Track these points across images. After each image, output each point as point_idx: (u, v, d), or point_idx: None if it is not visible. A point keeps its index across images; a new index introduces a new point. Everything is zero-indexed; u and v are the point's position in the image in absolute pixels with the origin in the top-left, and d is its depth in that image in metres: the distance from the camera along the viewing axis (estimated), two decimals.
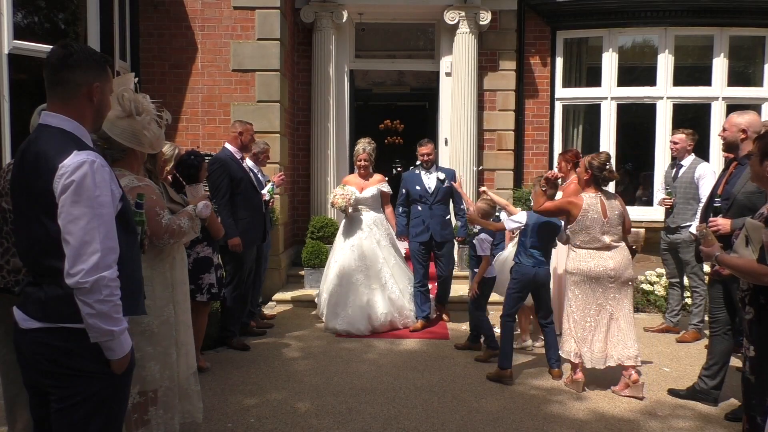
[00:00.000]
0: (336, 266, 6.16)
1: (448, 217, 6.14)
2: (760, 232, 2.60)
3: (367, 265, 6.05)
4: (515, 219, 4.82)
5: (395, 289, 6.08)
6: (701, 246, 2.98)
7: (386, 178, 6.50)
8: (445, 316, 6.46)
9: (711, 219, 3.83)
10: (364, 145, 6.29)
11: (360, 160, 6.28)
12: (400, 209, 6.22)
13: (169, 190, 3.35)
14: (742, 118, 4.02)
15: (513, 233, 5.45)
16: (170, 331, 3.10)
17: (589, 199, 4.35)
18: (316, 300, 6.52)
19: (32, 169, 2.00)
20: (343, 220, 6.36)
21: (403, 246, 6.56)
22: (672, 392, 4.40)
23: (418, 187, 6.02)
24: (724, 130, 4.07)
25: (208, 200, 3.48)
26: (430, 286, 6.29)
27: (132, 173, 2.97)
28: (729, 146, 4.10)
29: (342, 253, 6.16)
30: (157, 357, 3.03)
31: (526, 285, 4.73)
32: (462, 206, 6.01)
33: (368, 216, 6.22)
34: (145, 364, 2.98)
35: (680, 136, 5.84)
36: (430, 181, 6.03)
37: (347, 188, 6.13)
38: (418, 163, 6.25)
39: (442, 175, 6.03)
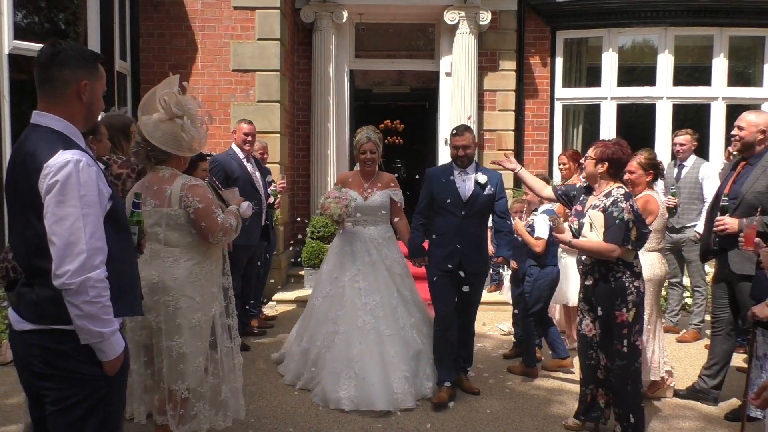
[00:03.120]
0: (326, 304, 4.46)
1: (484, 238, 4.46)
2: (601, 220, 3.37)
3: (377, 301, 4.34)
4: (545, 224, 4.62)
5: (414, 334, 4.39)
6: (554, 233, 3.67)
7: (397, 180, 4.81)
8: (465, 382, 4.46)
9: (718, 218, 3.83)
10: (369, 133, 4.59)
11: (364, 152, 4.54)
12: (419, 220, 4.42)
13: (218, 190, 3.44)
14: (760, 118, 3.98)
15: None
16: (216, 327, 3.14)
17: (658, 197, 4.27)
18: (280, 353, 4.93)
19: (21, 169, 1.98)
20: (336, 237, 4.74)
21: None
22: (673, 392, 4.39)
23: (448, 192, 4.25)
24: (740, 129, 3.98)
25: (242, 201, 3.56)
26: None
27: (180, 171, 3.08)
28: (746, 146, 3.99)
29: (336, 284, 4.47)
30: (204, 353, 3.06)
31: (553, 287, 4.81)
32: (509, 222, 4.46)
33: (375, 232, 4.53)
34: (194, 359, 3.01)
35: (686, 137, 5.82)
36: (466, 184, 4.24)
37: (345, 191, 4.50)
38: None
39: (483, 178, 4.23)
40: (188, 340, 2.99)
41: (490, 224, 4.53)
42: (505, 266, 4.90)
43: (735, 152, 4.40)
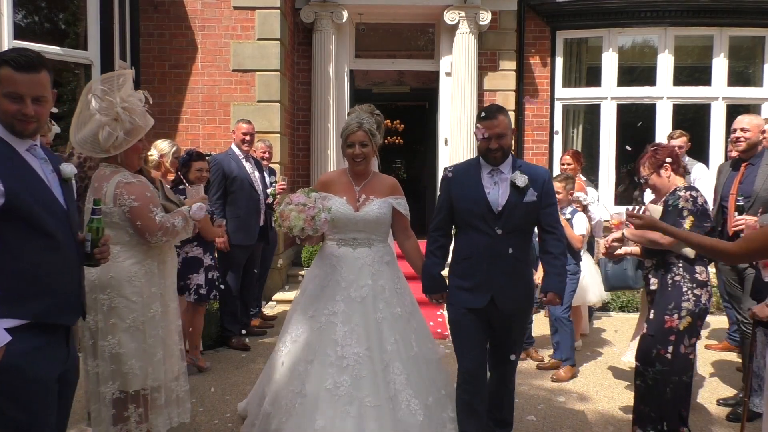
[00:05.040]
0: (294, 352, 3.26)
1: (528, 262, 3.22)
2: (660, 212, 3.28)
3: (360, 356, 3.12)
4: (583, 221, 4.87)
5: (414, 406, 3.10)
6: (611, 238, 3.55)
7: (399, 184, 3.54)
8: None
9: (737, 218, 3.86)
10: (361, 117, 3.35)
11: (352, 144, 3.31)
12: (438, 241, 3.29)
13: (166, 188, 3.29)
14: (759, 120, 4.18)
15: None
16: (156, 329, 3.01)
17: None
18: (245, 404, 3.76)
19: None
20: (316, 259, 3.50)
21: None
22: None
23: (473, 199, 3.11)
24: (745, 131, 4.09)
25: (205, 202, 3.42)
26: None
27: (125, 169, 2.94)
28: (751, 146, 4.12)
29: (311, 325, 3.27)
30: (140, 355, 2.94)
31: None
32: (561, 241, 3.23)
33: (368, 255, 3.32)
34: (126, 360, 2.91)
35: (683, 139, 5.83)
36: (499, 188, 3.11)
37: (316, 196, 3.22)
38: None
39: (522, 180, 3.07)
40: (123, 341, 2.89)
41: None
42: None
43: (738, 154, 4.43)
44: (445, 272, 3.31)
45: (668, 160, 3.33)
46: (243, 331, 5.58)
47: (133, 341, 2.92)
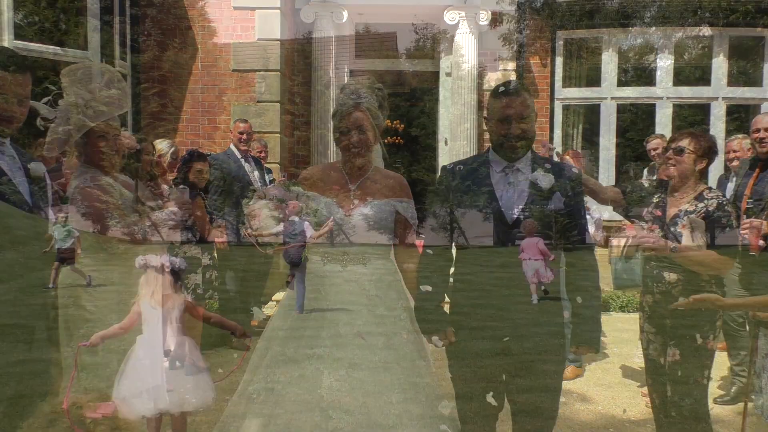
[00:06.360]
0: (271, 403, 2.53)
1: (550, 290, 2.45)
2: (703, 227, 2.78)
3: (354, 414, 2.33)
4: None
5: None
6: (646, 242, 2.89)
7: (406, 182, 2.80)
8: None
9: (746, 220, 3.84)
10: (358, 91, 2.56)
11: (346, 130, 2.52)
12: (431, 262, 2.57)
13: (144, 191, 3.16)
14: None
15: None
16: (112, 342, 2.83)
17: None
18: None
19: None
20: (291, 279, 2.59)
21: None
22: None
23: (481, 205, 2.38)
24: None
25: (186, 206, 3.21)
26: None
27: (94, 169, 2.82)
28: None
29: (287, 370, 2.52)
30: (92, 367, 2.82)
31: None
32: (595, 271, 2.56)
33: (361, 274, 2.55)
34: (80, 372, 2.78)
35: (658, 141, 5.80)
36: (514, 191, 2.39)
37: (297, 189, 2.49)
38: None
39: (547, 180, 2.35)
40: (79, 351, 2.75)
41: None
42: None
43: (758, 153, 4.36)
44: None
45: (707, 159, 2.94)
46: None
47: (85, 352, 2.76)
